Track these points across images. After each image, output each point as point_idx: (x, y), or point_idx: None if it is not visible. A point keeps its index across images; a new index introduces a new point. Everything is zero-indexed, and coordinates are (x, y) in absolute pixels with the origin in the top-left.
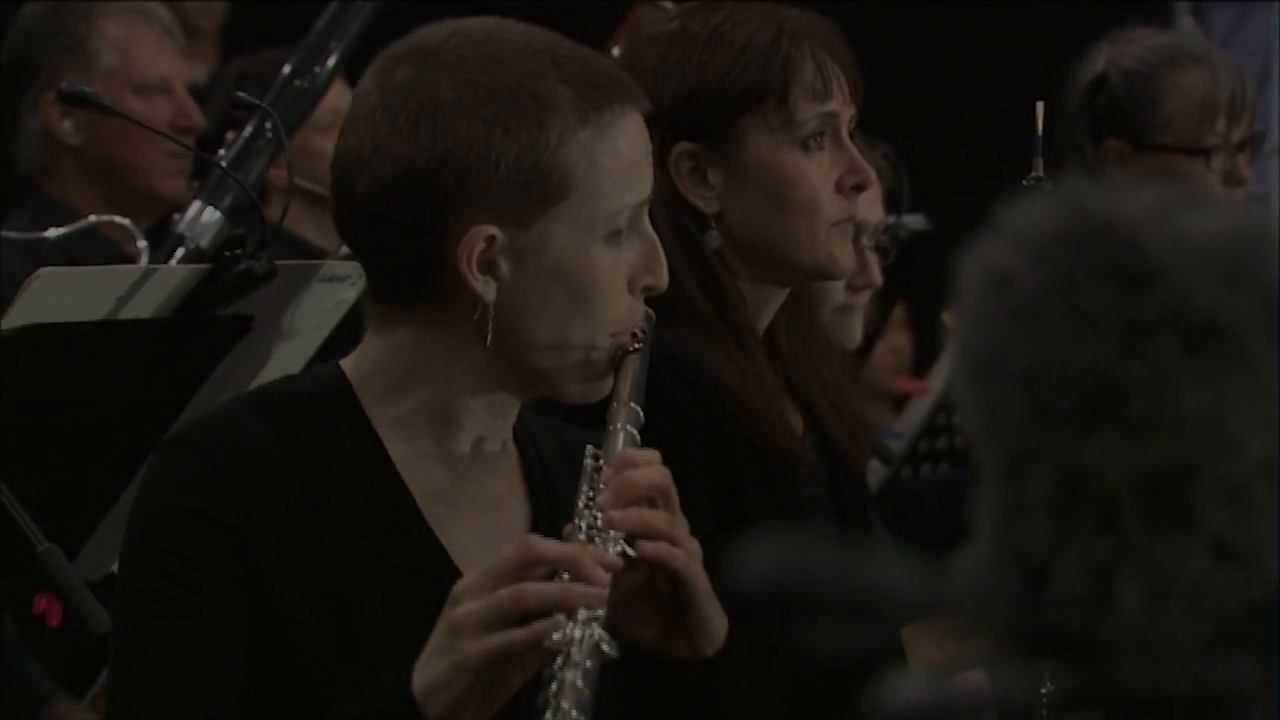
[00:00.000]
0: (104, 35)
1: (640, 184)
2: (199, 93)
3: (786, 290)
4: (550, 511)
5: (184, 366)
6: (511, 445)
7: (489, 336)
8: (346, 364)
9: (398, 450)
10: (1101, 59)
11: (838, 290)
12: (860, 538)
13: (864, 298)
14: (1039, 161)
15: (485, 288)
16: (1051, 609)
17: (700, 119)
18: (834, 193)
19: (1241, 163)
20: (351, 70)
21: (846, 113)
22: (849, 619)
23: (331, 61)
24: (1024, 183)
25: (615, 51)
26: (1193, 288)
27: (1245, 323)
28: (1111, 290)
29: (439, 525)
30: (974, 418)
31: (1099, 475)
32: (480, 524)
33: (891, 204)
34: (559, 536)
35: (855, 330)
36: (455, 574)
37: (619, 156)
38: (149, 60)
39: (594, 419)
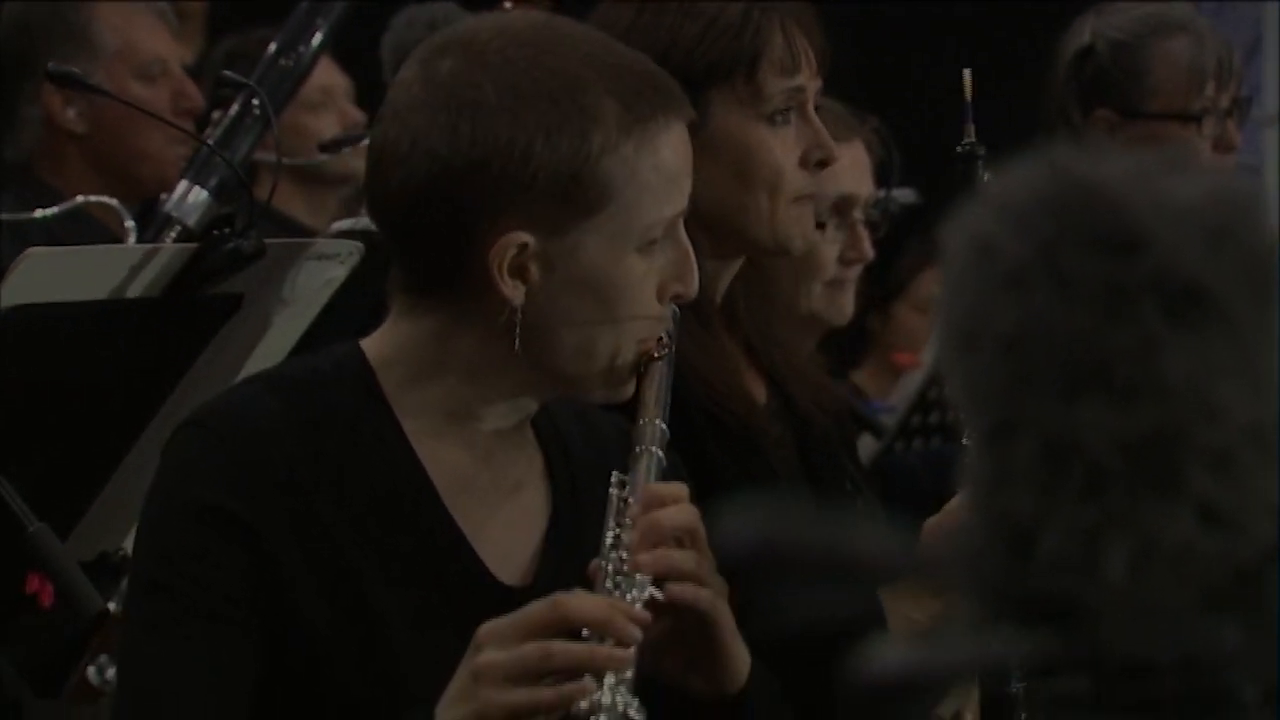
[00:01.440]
0: (103, 21)
1: (679, 196)
2: (187, 74)
3: (742, 258)
4: (570, 491)
5: (174, 346)
6: (528, 428)
7: (516, 340)
8: (367, 345)
9: (417, 434)
10: (1087, 30)
11: (829, 264)
12: (833, 500)
13: (855, 272)
14: (970, 128)
15: (514, 291)
16: (1038, 575)
17: None
18: (798, 168)
19: (1231, 128)
20: (337, 48)
21: (813, 86)
22: (827, 582)
23: (317, 39)
24: (957, 149)
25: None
26: (1177, 253)
27: (1229, 288)
28: (1095, 257)
29: (457, 509)
30: (959, 386)
31: (1084, 442)
32: (500, 508)
33: (881, 178)
34: (579, 516)
35: (846, 305)
36: (473, 559)
37: (660, 169)
38: (148, 43)
39: None
